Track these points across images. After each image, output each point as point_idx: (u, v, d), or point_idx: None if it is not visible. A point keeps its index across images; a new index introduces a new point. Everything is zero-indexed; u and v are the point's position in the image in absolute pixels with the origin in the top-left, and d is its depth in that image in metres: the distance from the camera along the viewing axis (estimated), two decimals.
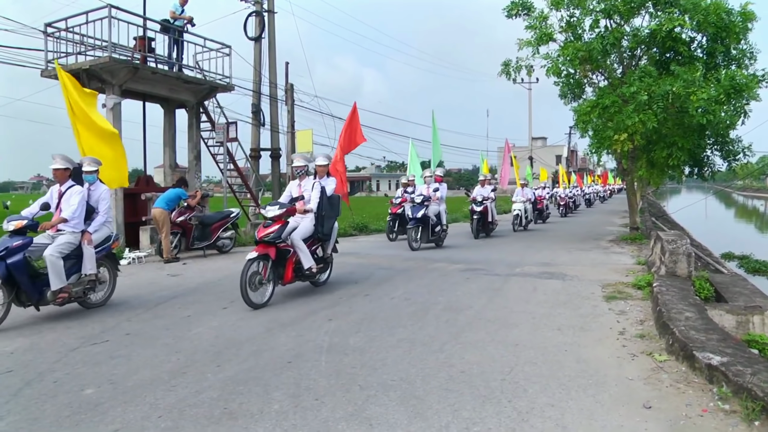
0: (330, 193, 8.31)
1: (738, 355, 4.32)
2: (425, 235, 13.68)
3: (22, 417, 3.86)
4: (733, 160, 14.75)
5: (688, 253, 8.20)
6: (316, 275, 8.24)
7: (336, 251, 9.00)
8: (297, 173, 8.42)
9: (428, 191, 14.06)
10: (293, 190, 8.46)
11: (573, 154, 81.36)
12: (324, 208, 8.13)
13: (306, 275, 7.94)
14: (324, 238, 8.37)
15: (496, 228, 18.34)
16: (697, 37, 14.19)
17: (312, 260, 7.91)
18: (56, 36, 13.44)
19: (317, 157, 8.89)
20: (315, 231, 8.09)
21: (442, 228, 14.33)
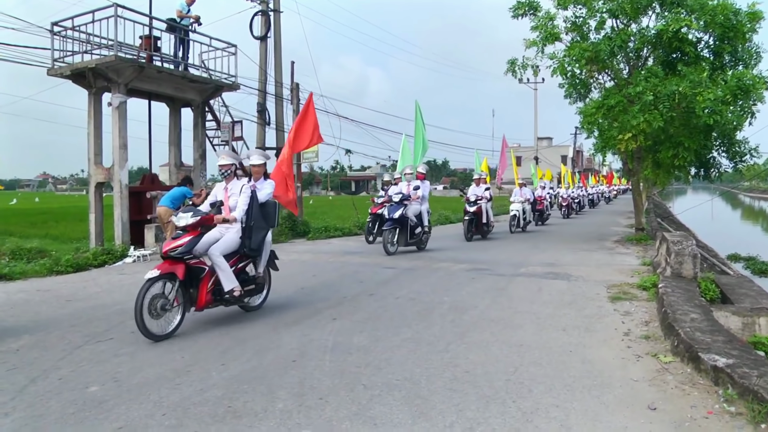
0: (263, 199, 6.92)
1: (744, 357, 4.30)
2: (403, 238, 12.63)
3: (27, 414, 3.88)
4: (739, 162, 14.67)
5: (693, 254, 8.17)
6: (244, 299, 6.75)
7: (275, 268, 7.52)
8: (222, 174, 6.87)
9: (408, 189, 13.06)
10: (218, 194, 6.90)
11: (579, 155, 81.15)
12: (253, 218, 6.65)
13: (227, 299, 6.43)
14: (252, 254, 6.79)
15: (492, 229, 17.62)
16: (704, 37, 14.13)
17: (235, 281, 6.38)
18: (62, 35, 13.49)
19: (252, 154, 7.52)
20: (241, 245, 6.58)
21: (424, 230, 13.23)
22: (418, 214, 13.07)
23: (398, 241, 12.52)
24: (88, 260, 10.88)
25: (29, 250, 11.78)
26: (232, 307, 7.19)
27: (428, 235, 13.66)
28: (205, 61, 15.71)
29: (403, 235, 12.62)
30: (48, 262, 10.36)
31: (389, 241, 12.31)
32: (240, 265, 6.72)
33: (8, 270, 9.66)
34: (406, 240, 12.71)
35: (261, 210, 6.81)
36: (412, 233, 12.86)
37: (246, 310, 7.01)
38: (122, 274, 9.98)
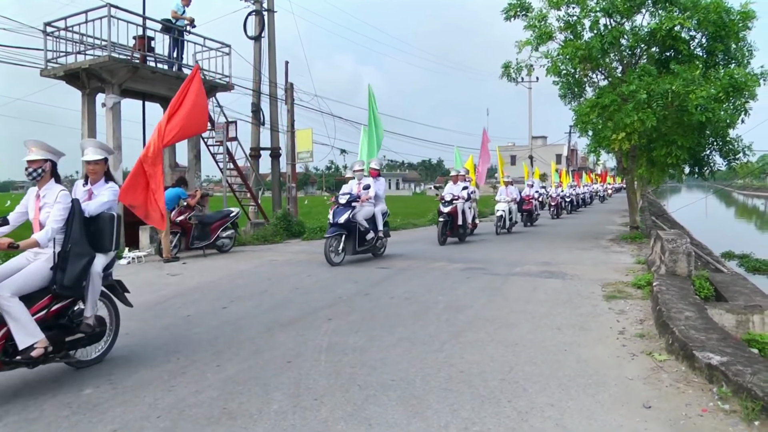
0: (95, 212, 4.89)
1: (738, 355, 4.32)
2: (351, 245, 11.05)
3: (21, 417, 3.86)
4: (733, 159, 14.74)
5: (688, 252, 8.19)
6: (60, 356, 4.60)
7: (127, 304, 5.59)
8: (30, 175, 4.67)
9: (358, 189, 11.45)
10: (29, 204, 4.82)
11: (573, 153, 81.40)
12: (72, 240, 4.59)
13: (25, 360, 4.27)
14: (65, 293, 4.55)
15: (470, 231, 16.69)
16: (696, 35, 14.19)
17: (36, 333, 4.25)
18: (56, 35, 13.44)
19: (86, 146, 5.24)
20: (51, 280, 4.49)
21: (378, 235, 11.69)
22: (371, 216, 11.55)
23: (345, 249, 11.00)
24: None
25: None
26: (228, 307, 7.18)
27: (384, 241, 12.28)
28: (199, 62, 15.66)
29: (350, 242, 11.03)
30: None
31: (333, 250, 10.68)
32: (56, 306, 4.60)
33: None
34: (355, 248, 11.08)
35: (88, 227, 4.81)
36: (362, 240, 11.26)
37: (75, 366, 4.86)
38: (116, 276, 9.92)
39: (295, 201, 19.16)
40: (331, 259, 10.55)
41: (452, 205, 14.70)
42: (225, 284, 9.01)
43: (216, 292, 8.35)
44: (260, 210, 18.45)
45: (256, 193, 18.72)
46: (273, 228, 16.38)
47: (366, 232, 11.24)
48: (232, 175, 18.00)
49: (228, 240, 13.33)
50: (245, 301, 7.61)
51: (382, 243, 12.15)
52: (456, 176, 16.18)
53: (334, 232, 10.73)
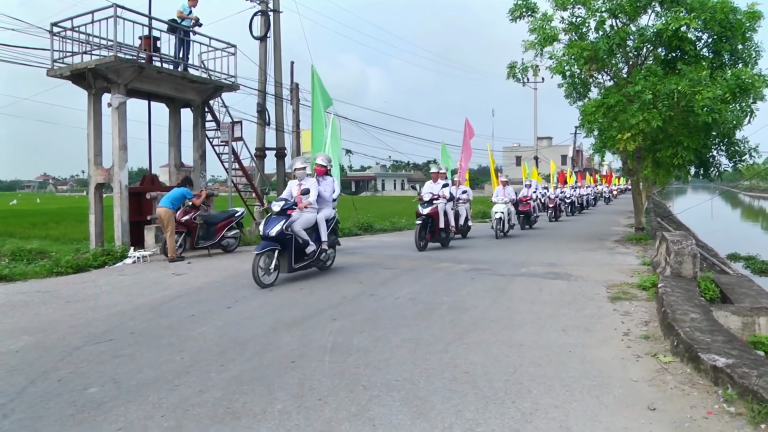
0: None
1: (744, 357, 4.30)
2: (286, 262, 9.08)
3: (27, 415, 3.88)
4: (739, 161, 14.65)
5: (693, 253, 8.16)
6: None
7: None
8: None
9: (298, 193, 9.65)
10: None
11: (578, 154, 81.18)
12: None
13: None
14: None
15: (465, 234, 16.40)
16: (703, 36, 14.12)
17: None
18: (62, 35, 13.49)
19: None
20: None
21: (322, 248, 9.76)
22: (313, 225, 9.74)
23: (280, 267, 9.00)
24: (88, 261, 10.88)
25: (29, 251, 11.81)
26: (233, 307, 7.20)
27: (330, 253, 10.32)
28: (205, 62, 15.71)
29: (285, 258, 9.08)
30: (48, 263, 10.37)
31: (262, 269, 8.65)
32: None
33: (8, 271, 9.67)
34: (291, 264, 9.16)
35: None
36: (300, 254, 9.37)
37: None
38: (122, 275, 9.97)
39: None
40: (260, 280, 8.48)
41: (432, 206, 13.43)
42: (230, 284, 9.03)
43: (220, 292, 8.36)
44: (265, 210, 18.47)
45: (261, 193, 18.76)
46: None
47: (305, 244, 9.33)
48: (238, 175, 18.04)
49: (233, 240, 13.36)
50: (250, 301, 7.62)
51: (328, 255, 10.11)
52: (436, 174, 14.80)
53: (264, 248, 8.69)
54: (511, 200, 18.09)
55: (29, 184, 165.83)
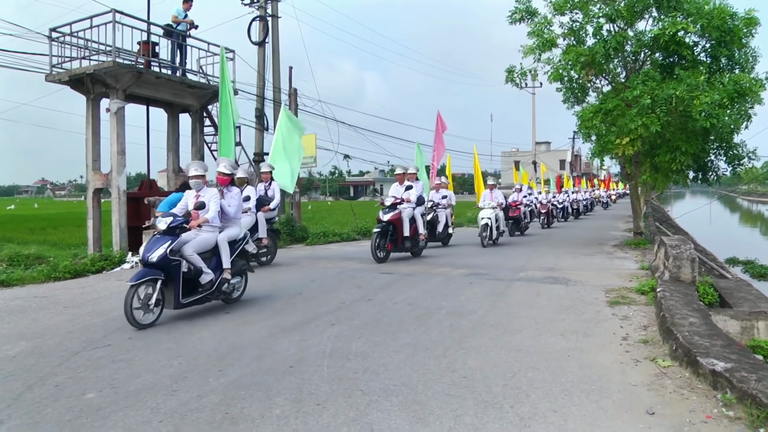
0: None
1: (742, 361, 4.29)
2: (172, 296, 6.76)
3: (24, 421, 3.86)
4: (737, 165, 14.69)
5: (692, 258, 8.17)
6: None
7: None
8: None
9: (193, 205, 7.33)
10: None
11: (577, 159, 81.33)
12: None
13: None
14: None
15: (446, 242, 15.58)
16: (700, 41, 14.17)
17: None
18: (61, 41, 13.52)
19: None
20: None
21: (224, 277, 7.40)
22: (212, 248, 7.47)
23: (164, 300, 6.76)
24: (86, 266, 10.86)
25: (27, 256, 11.77)
26: (231, 312, 7.18)
27: (238, 282, 7.83)
28: (203, 67, 15.73)
29: (172, 289, 6.76)
30: (46, 269, 10.34)
31: (140, 304, 6.54)
32: None
33: (6, 276, 9.64)
34: (177, 299, 6.78)
35: None
36: (193, 285, 7.06)
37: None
38: (120, 280, 9.95)
39: (299, 206, 19.18)
40: (134, 320, 6.37)
41: (395, 212, 12.02)
42: None
43: None
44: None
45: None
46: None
47: (198, 273, 7.06)
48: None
49: None
50: (248, 306, 7.60)
51: (233, 286, 7.65)
52: (402, 175, 12.97)
53: (141, 277, 6.51)
54: (500, 205, 16.71)
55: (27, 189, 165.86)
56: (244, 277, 8.01)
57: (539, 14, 14.99)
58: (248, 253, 8.65)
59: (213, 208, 7.45)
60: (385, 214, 11.96)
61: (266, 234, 11.18)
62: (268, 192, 11.82)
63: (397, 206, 12.14)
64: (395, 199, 12.23)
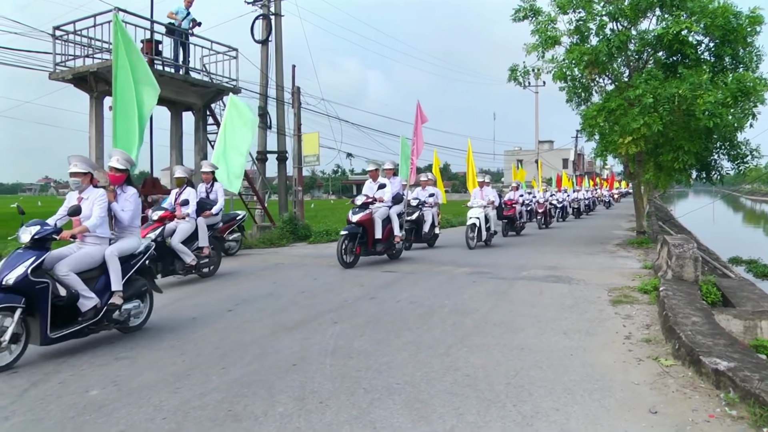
0: None
1: (745, 361, 4.29)
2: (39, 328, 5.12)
3: (27, 418, 3.88)
4: (741, 164, 14.66)
5: (695, 257, 8.16)
6: None
7: None
8: None
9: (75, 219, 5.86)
10: None
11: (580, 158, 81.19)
12: None
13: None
14: None
15: (432, 243, 14.83)
16: (704, 40, 14.14)
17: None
18: (64, 39, 13.54)
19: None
20: None
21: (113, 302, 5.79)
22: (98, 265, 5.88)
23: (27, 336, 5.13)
24: None
25: None
26: (234, 310, 7.20)
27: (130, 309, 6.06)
28: (207, 65, 15.75)
29: (38, 320, 5.11)
30: None
31: None
32: None
33: None
34: (44, 332, 5.13)
35: None
36: (69, 314, 5.48)
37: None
38: None
39: (302, 205, 19.18)
40: None
41: (365, 212, 10.96)
42: (231, 287, 9.03)
43: (222, 295, 8.36)
44: (267, 213, 18.49)
45: (263, 196, 18.77)
46: (279, 231, 16.39)
47: (75, 297, 5.50)
48: None
49: (234, 243, 13.34)
50: (251, 304, 7.62)
51: (127, 313, 6.01)
52: (375, 172, 11.88)
53: None
54: (491, 203, 15.40)
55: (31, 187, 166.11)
56: (146, 301, 6.39)
57: (543, 12, 14.97)
58: (152, 270, 6.90)
59: (96, 214, 5.84)
60: (354, 214, 10.89)
61: (208, 242, 9.72)
62: (209, 194, 10.68)
63: (368, 206, 11.10)
64: (367, 198, 11.17)
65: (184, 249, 9.12)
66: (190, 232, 9.31)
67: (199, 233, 9.58)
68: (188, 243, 9.30)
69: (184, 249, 9.11)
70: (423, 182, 15.52)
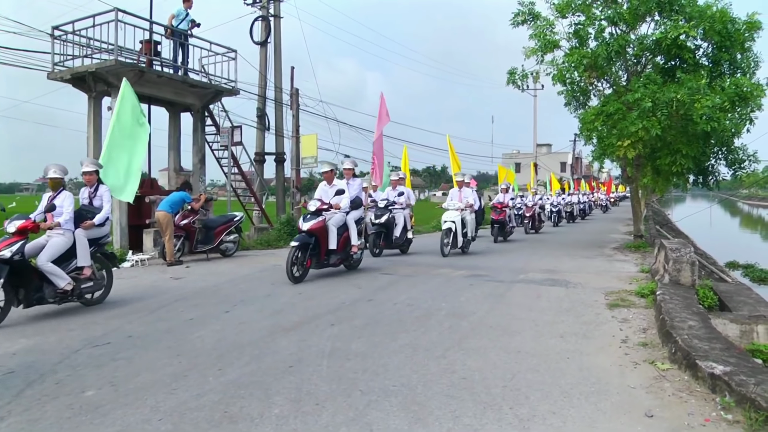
0: None
1: (741, 365, 4.30)
2: None
3: (23, 418, 3.87)
4: (738, 168, 14.71)
5: (692, 261, 8.17)
6: None
7: None
8: None
9: None
10: None
11: (578, 161, 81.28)
12: None
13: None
14: None
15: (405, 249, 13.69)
16: (702, 45, 14.19)
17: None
18: (63, 39, 13.53)
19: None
20: None
21: None
22: None
23: None
24: None
25: None
26: (231, 311, 7.20)
27: None
28: (205, 66, 15.76)
29: None
30: None
31: None
32: None
33: None
34: None
35: None
36: None
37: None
38: (120, 279, 9.94)
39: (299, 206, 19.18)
40: None
41: (317, 220, 9.61)
42: (228, 288, 9.02)
43: (219, 296, 8.35)
44: (264, 215, 18.49)
45: (261, 197, 18.77)
46: (277, 233, 16.40)
47: None
48: (237, 179, 18.06)
49: (231, 244, 13.35)
50: (248, 306, 7.61)
51: None
52: (330, 173, 10.71)
53: None
54: (469, 206, 13.92)
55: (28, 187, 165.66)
56: None
57: (542, 17, 15.00)
58: None
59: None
60: (305, 221, 9.53)
61: (89, 260, 7.56)
62: (93, 200, 8.04)
63: (322, 212, 9.81)
64: (321, 204, 9.79)
65: (56, 270, 7.03)
66: (64, 248, 7.25)
67: (78, 249, 7.42)
68: (62, 262, 7.24)
69: (55, 270, 7.02)
70: (393, 181, 14.52)
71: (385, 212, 13.21)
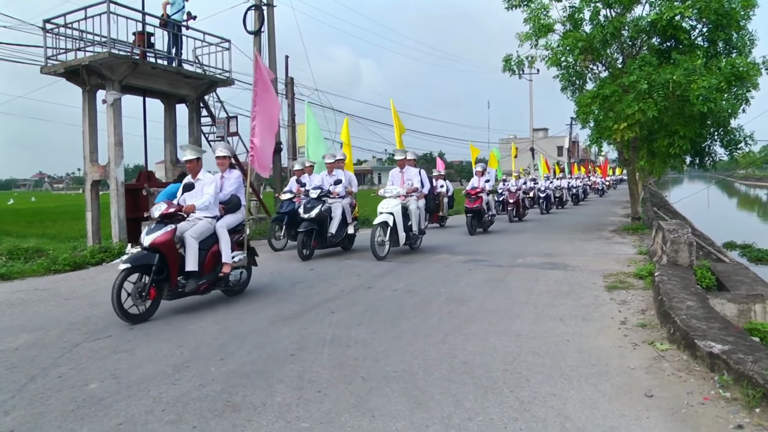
0: None
1: (739, 344, 4.33)
2: None
3: (27, 412, 3.89)
4: (734, 149, 14.71)
5: (689, 242, 8.20)
6: None
7: None
8: None
9: None
10: None
11: (575, 145, 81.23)
12: None
13: None
14: None
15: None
16: (698, 25, 14.13)
17: None
18: (55, 32, 13.43)
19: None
20: None
21: None
22: None
23: None
24: (85, 258, 10.86)
25: (26, 249, 11.79)
26: (231, 301, 7.21)
27: None
28: (199, 57, 15.65)
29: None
30: (45, 261, 10.35)
31: None
32: None
33: (6, 270, 9.66)
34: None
35: None
36: None
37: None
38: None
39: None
40: None
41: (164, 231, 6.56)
42: None
43: None
44: (262, 205, 18.47)
45: (258, 188, 18.74)
46: None
47: None
48: None
49: None
50: (248, 295, 7.63)
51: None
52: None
53: None
54: (413, 191, 11.18)
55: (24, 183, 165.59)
56: None
57: (536, 0, 14.91)
58: None
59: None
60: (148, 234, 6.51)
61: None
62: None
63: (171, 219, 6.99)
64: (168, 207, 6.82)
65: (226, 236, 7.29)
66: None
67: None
68: None
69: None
70: (329, 165, 11.77)
71: (317, 204, 10.75)
